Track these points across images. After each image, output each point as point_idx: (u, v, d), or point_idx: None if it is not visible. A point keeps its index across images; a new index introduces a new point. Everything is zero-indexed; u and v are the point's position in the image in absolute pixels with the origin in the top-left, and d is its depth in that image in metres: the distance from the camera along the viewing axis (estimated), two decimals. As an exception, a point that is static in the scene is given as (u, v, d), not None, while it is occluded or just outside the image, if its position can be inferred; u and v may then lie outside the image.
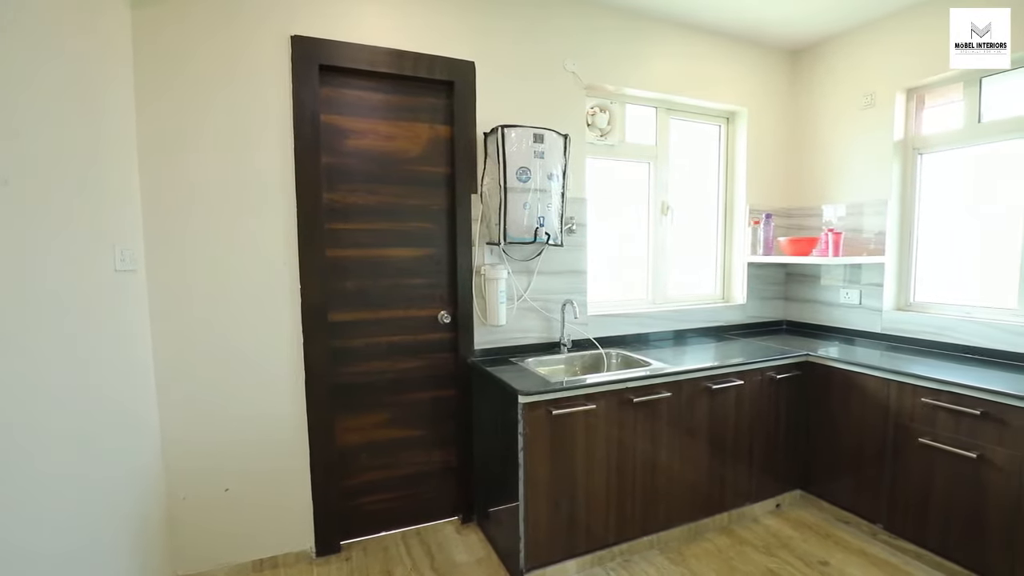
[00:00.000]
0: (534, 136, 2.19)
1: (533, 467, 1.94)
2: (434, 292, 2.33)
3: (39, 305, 1.32)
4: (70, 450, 1.42)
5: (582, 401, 2.00)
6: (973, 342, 2.39)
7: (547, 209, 2.23)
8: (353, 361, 2.23)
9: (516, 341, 2.47)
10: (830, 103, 2.97)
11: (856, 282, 2.86)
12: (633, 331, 2.77)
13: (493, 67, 2.33)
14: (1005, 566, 1.90)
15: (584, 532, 2.09)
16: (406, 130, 2.25)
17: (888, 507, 2.27)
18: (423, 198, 2.29)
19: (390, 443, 2.33)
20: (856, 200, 2.85)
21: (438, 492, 2.43)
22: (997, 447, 1.91)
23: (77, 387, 1.47)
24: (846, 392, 2.41)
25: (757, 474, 2.50)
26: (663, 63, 2.74)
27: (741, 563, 2.19)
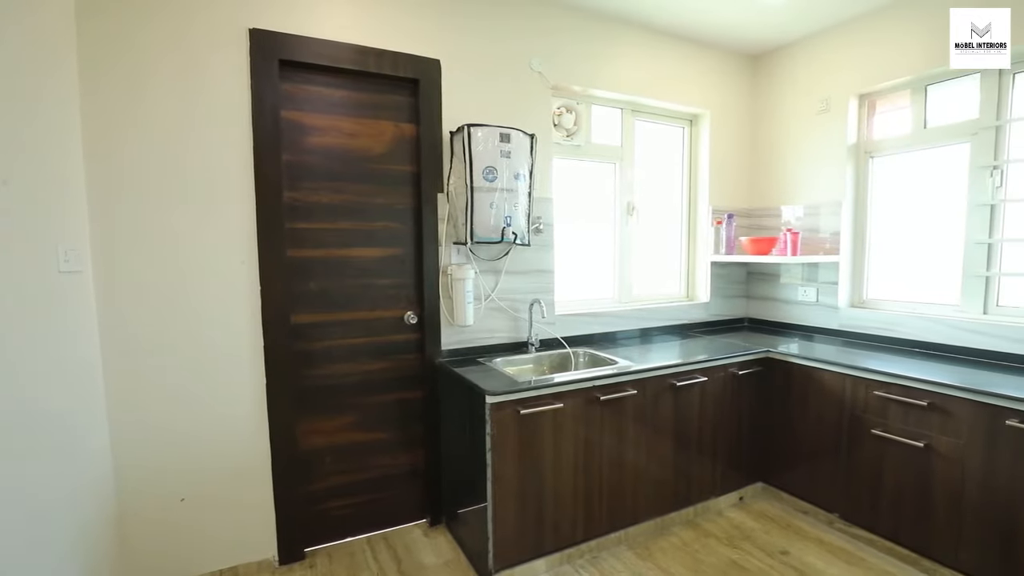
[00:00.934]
0: (500, 135, 2.19)
1: (501, 467, 1.94)
2: (400, 292, 2.30)
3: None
4: (3, 468, 1.34)
5: (550, 400, 2.01)
6: (921, 337, 2.51)
7: (514, 209, 2.23)
8: (317, 364, 2.18)
9: (484, 341, 2.46)
10: (788, 107, 3.07)
11: (813, 280, 2.96)
12: (600, 330, 2.80)
13: (459, 65, 2.32)
14: (949, 548, 2.00)
15: (552, 530, 2.10)
16: (370, 128, 2.21)
17: (843, 496, 2.36)
18: (388, 197, 2.26)
19: (356, 446, 2.28)
20: (813, 201, 2.95)
21: (405, 495, 2.40)
22: (942, 436, 2.00)
23: (12, 399, 1.38)
24: (805, 387, 2.49)
25: (721, 468, 2.56)
26: (629, 65, 2.78)
27: (706, 555, 2.24)
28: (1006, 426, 1.82)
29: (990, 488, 1.88)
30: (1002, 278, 2.35)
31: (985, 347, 2.29)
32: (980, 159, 2.36)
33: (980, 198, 2.37)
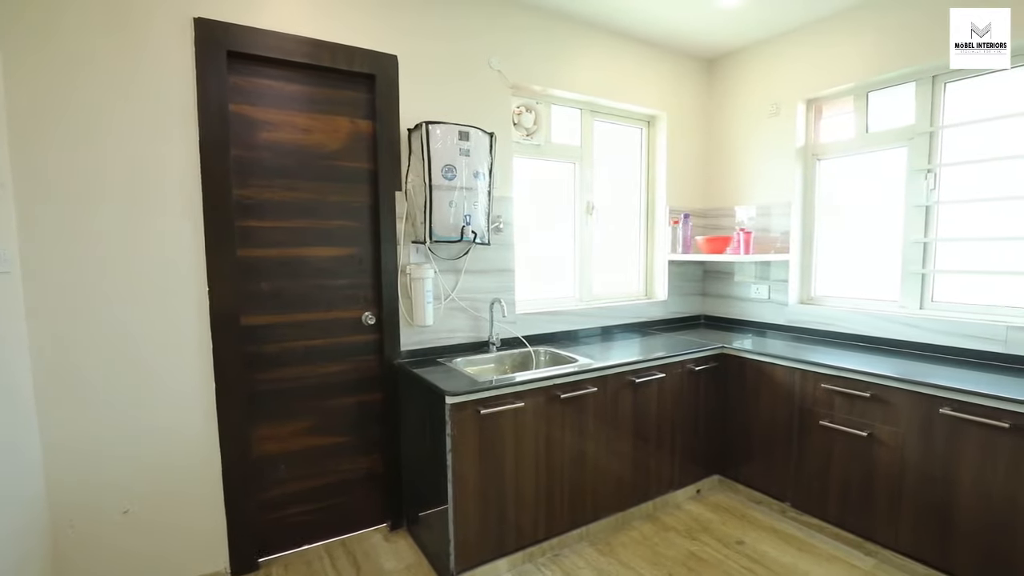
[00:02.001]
0: (459, 134, 2.17)
1: (462, 468, 1.92)
2: (357, 293, 2.25)
3: None
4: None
5: (511, 399, 2.00)
6: (864, 331, 2.63)
7: (474, 207, 2.22)
8: (270, 367, 2.11)
9: (444, 341, 2.43)
10: (741, 110, 3.17)
11: (765, 278, 3.07)
12: (562, 328, 2.81)
13: (417, 62, 2.29)
14: (891, 530, 2.11)
15: (514, 529, 2.10)
16: (325, 123, 2.15)
17: (794, 486, 2.45)
18: (344, 195, 2.20)
19: (312, 452, 2.22)
20: (765, 202, 3.05)
21: (365, 500, 2.35)
22: (883, 425, 2.10)
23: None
24: (757, 381, 2.58)
25: (679, 462, 2.61)
26: (588, 66, 2.80)
27: (665, 548, 2.28)
28: (939, 414, 1.93)
29: (926, 473, 1.99)
30: (936, 275, 2.49)
31: (922, 340, 2.42)
32: (916, 163, 2.50)
33: (916, 200, 2.51)
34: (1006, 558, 1.81)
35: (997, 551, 1.83)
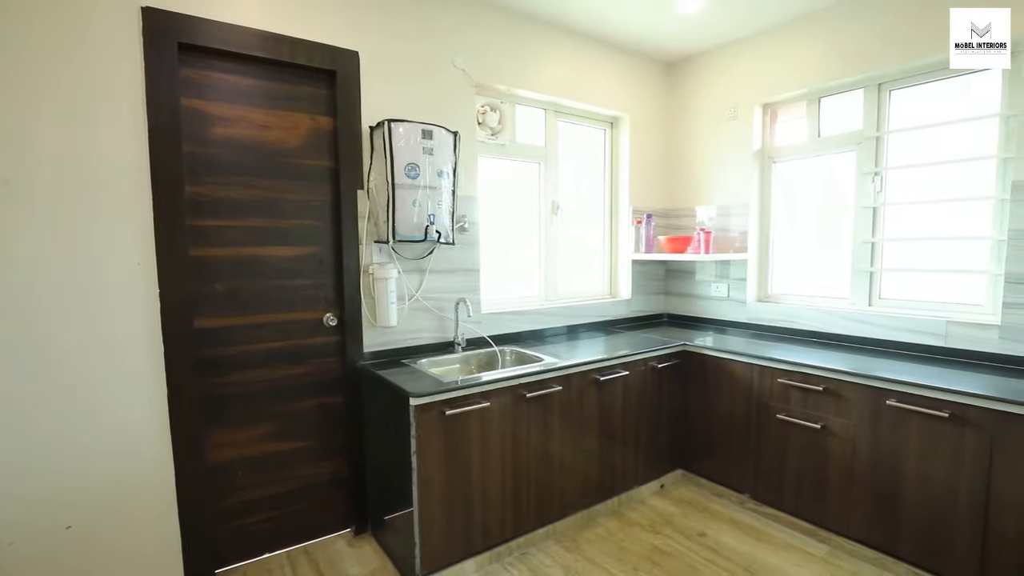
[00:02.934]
0: (423, 132, 2.14)
1: (427, 470, 1.90)
2: (318, 293, 2.20)
3: None
4: None
5: (476, 400, 2.00)
6: (818, 327, 2.74)
7: (438, 207, 2.20)
8: (226, 371, 2.04)
9: (408, 342, 2.40)
10: (701, 113, 3.24)
11: (725, 277, 3.15)
12: (528, 328, 2.82)
13: (379, 58, 2.25)
14: (842, 517, 2.20)
15: (481, 530, 2.09)
16: (284, 120, 2.09)
17: (753, 478, 2.53)
18: (304, 193, 2.15)
19: (272, 457, 2.16)
20: (724, 202, 3.13)
21: (328, 505, 2.30)
22: (835, 417, 2.19)
23: None
24: (718, 377, 2.64)
25: (643, 458, 2.66)
26: (552, 66, 2.82)
27: (630, 543, 2.31)
28: (887, 406, 2.02)
29: (874, 462, 2.08)
30: (883, 273, 2.61)
31: (871, 335, 2.54)
32: (864, 166, 2.61)
33: (865, 201, 2.62)
34: (946, 539, 1.91)
35: (938, 533, 1.93)
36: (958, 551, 1.88)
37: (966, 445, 1.84)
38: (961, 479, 1.86)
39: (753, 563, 2.16)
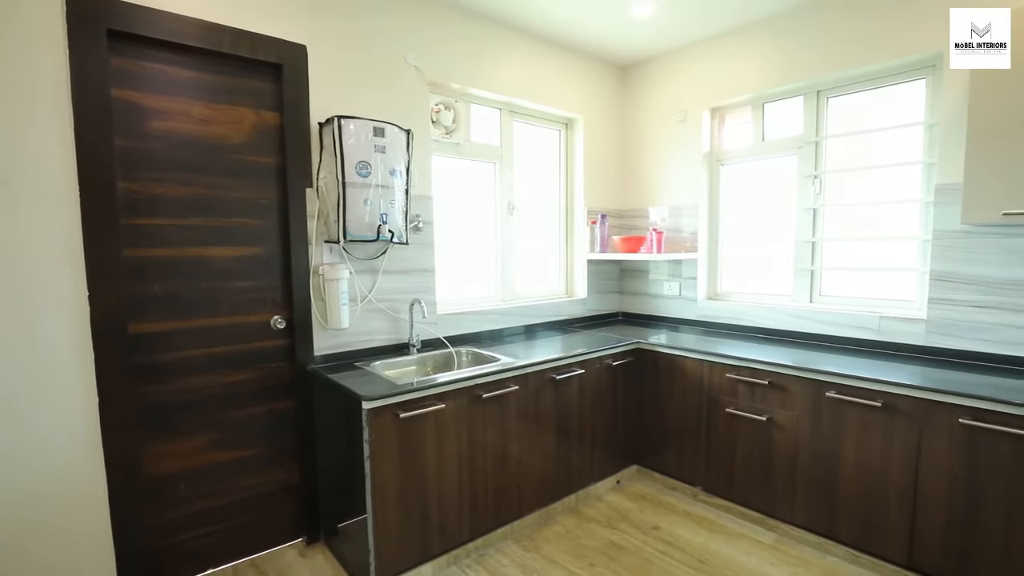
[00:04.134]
0: (374, 129, 2.10)
1: (381, 475, 1.86)
2: (265, 295, 2.12)
3: None
4: None
5: (431, 401, 1.97)
6: (763, 324, 2.85)
7: (390, 206, 2.15)
8: (165, 378, 1.93)
9: (362, 344, 2.35)
10: (653, 116, 3.32)
11: (677, 276, 3.23)
12: (485, 328, 2.81)
13: (329, 53, 2.19)
14: (788, 506, 2.29)
15: (438, 533, 2.06)
16: (226, 114, 2.00)
17: (705, 471, 2.60)
18: (249, 191, 2.06)
19: (216, 467, 2.06)
20: (676, 203, 3.22)
21: (278, 515, 2.21)
22: (780, 410, 2.28)
23: None
24: (670, 373, 2.71)
25: (599, 455, 2.69)
26: (508, 66, 2.82)
27: (587, 540, 2.34)
28: (826, 397, 2.12)
29: (816, 451, 2.18)
30: (823, 272, 2.74)
31: (812, 331, 2.66)
32: (805, 169, 2.73)
33: (805, 203, 2.75)
34: (880, 521, 2.02)
35: (873, 516, 2.04)
36: (891, 531, 2.00)
37: (897, 432, 1.96)
38: (893, 464, 1.97)
39: (705, 553, 2.22)
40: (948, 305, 2.23)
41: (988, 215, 1.92)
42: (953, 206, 2.12)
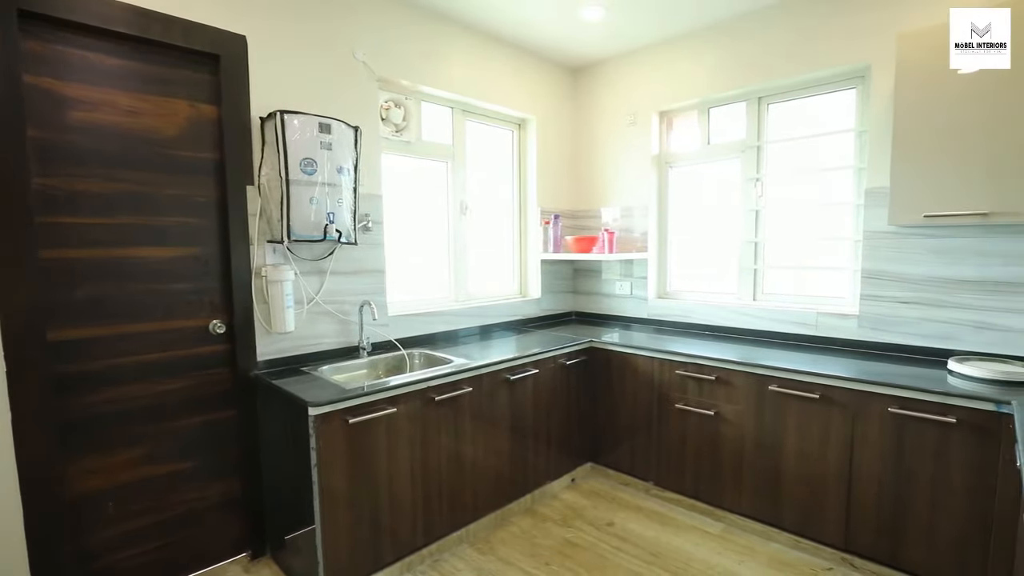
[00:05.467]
0: (320, 125, 2.02)
1: (330, 483, 1.79)
2: (203, 298, 2.00)
3: None
4: None
5: (382, 406, 1.91)
6: (710, 321, 2.94)
7: (338, 205, 2.08)
8: (91, 389, 1.79)
9: (309, 348, 2.26)
10: (604, 118, 3.37)
11: (629, 275, 3.29)
12: (439, 329, 2.77)
13: (271, 45, 2.09)
14: (735, 496, 2.37)
15: (391, 540, 2.01)
16: (158, 106, 1.88)
17: (656, 465, 2.66)
18: (184, 188, 1.95)
19: (150, 483, 1.93)
20: (627, 204, 3.28)
21: (219, 530, 2.10)
22: (726, 404, 2.36)
23: None
24: (622, 371, 2.75)
25: (554, 454, 2.70)
26: (460, 65, 2.79)
27: (543, 539, 2.34)
28: (769, 391, 2.21)
29: (760, 442, 2.27)
30: (765, 270, 2.86)
31: (756, 327, 2.76)
32: (747, 172, 2.84)
33: (748, 204, 2.85)
34: (819, 506, 2.12)
35: (813, 502, 2.14)
36: (829, 516, 2.10)
37: (833, 422, 2.06)
38: (830, 453, 2.08)
39: (658, 546, 2.27)
40: (878, 301, 2.37)
41: (912, 217, 2.05)
42: (881, 208, 2.26)
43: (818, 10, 2.45)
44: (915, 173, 2.02)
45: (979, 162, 1.89)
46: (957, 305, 2.17)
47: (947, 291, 2.19)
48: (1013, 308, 2.06)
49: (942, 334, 2.21)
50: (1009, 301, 2.06)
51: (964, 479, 1.79)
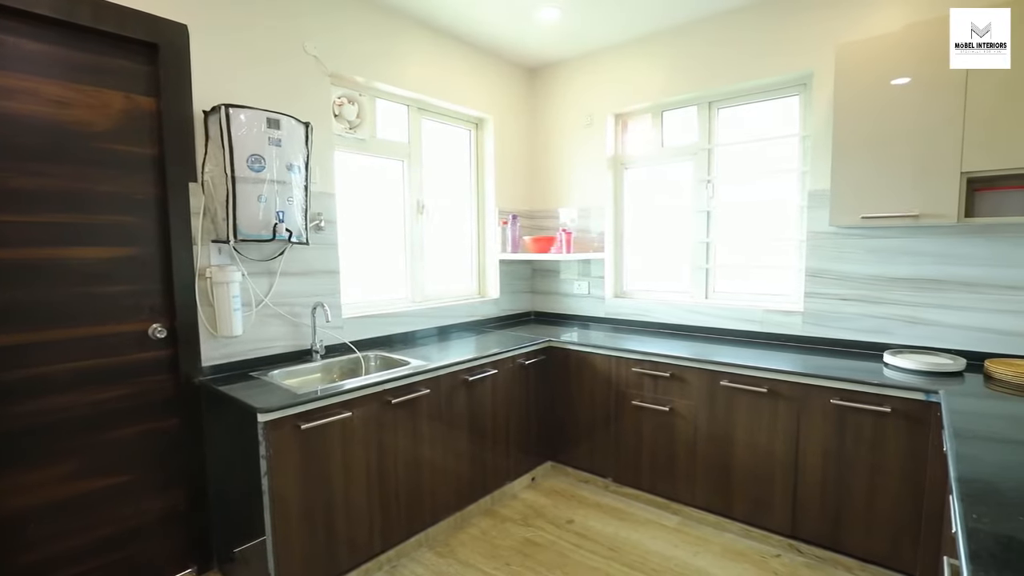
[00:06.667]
0: (268, 121, 1.94)
1: (281, 491, 1.73)
2: (141, 302, 1.89)
3: None
4: None
5: (336, 410, 1.86)
6: (665, 319, 3.01)
7: (288, 203, 2.01)
8: (15, 400, 1.66)
9: (258, 352, 2.17)
10: (561, 119, 3.39)
11: (587, 275, 3.33)
12: (396, 331, 2.72)
13: (215, 36, 2.00)
14: (689, 489, 2.44)
15: (348, 547, 1.96)
16: (89, 96, 1.76)
17: (615, 462, 2.70)
18: (120, 184, 1.83)
19: (83, 499, 1.80)
20: (584, 205, 3.31)
21: (161, 545, 1.99)
22: (680, 400, 2.42)
23: None
24: (580, 370, 2.78)
25: (514, 453, 2.70)
26: (416, 63, 2.75)
27: (503, 539, 2.33)
28: (720, 386, 2.28)
29: (712, 436, 2.34)
30: (716, 269, 2.95)
31: (708, 324, 2.85)
32: (699, 174, 2.93)
33: (700, 206, 2.94)
34: (768, 496, 2.21)
35: (762, 491, 2.22)
36: (777, 505, 2.19)
37: (780, 414, 2.14)
38: (777, 444, 2.16)
39: (616, 542, 2.30)
40: (820, 299, 2.48)
41: (850, 218, 2.16)
42: (823, 210, 2.37)
43: (764, 19, 2.55)
44: (853, 177, 2.13)
45: (909, 167, 2.01)
46: (892, 301, 2.31)
47: (883, 288, 2.32)
48: (941, 304, 2.20)
49: (878, 329, 2.34)
50: (938, 297, 2.21)
51: (898, 465, 1.90)
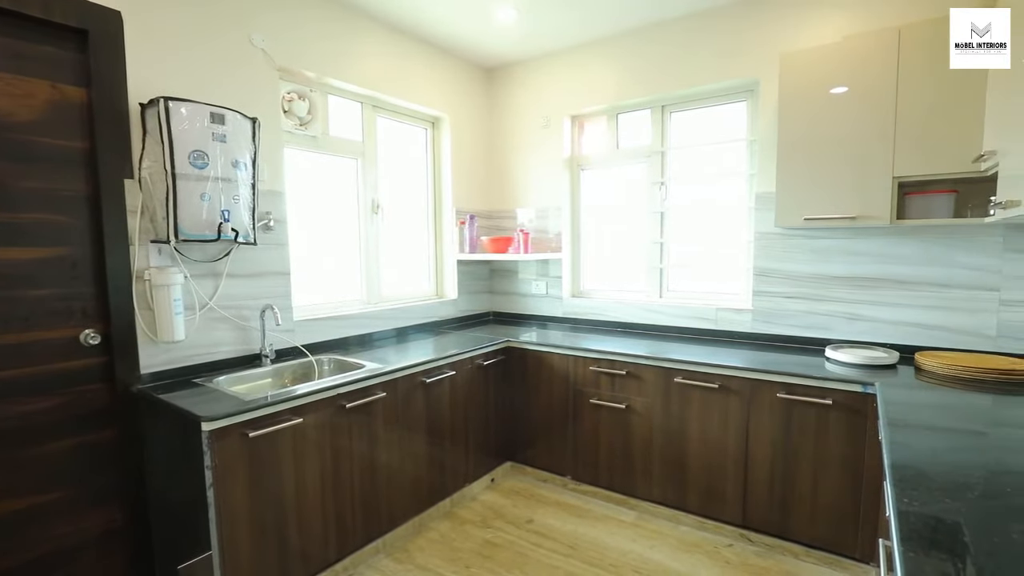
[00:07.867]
0: (212, 116, 1.85)
1: (228, 503, 1.65)
2: (71, 306, 1.76)
3: None
4: None
5: (287, 416, 1.80)
6: (622, 318, 3.06)
7: (234, 202, 1.92)
8: (-77, 414, 1.52)
9: (203, 358, 2.07)
10: (518, 119, 3.40)
11: (545, 275, 3.35)
12: (352, 333, 2.65)
13: (151, 23, 1.89)
14: (646, 484, 2.49)
15: (300, 559, 1.89)
16: (10, 85, 1.63)
17: (573, 460, 2.72)
18: (46, 180, 1.71)
19: (11, 518, 1.66)
20: (542, 205, 3.33)
21: (97, 566, 1.86)
22: (637, 397, 2.46)
23: None
24: (538, 369, 2.79)
25: (473, 455, 2.68)
26: (370, 59, 2.69)
27: (462, 542, 2.31)
28: (675, 383, 2.34)
29: (667, 432, 2.39)
30: (670, 269, 3.02)
31: (663, 323, 2.91)
32: (653, 176, 2.99)
33: (653, 207, 3.00)
34: (720, 488, 2.28)
35: (714, 484, 2.29)
36: (728, 496, 2.26)
37: (731, 409, 2.22)
38: (728, 437, 2.23)
39: (575, 539, 2.32)
40: (768, 297, 2.58)
41: (794, 220, 2.25)
42: (769, 211, 2.46)
43: (715, 26, 2.63)
44: (796, 180, 2.23)
45: (847, 171, 2.12)
46: (833, 299, 2.43)
47: (825, 287, 2.44)
48: (878, 301, 2.33)
49: (821, 325, 2.46)
50: (874, 295, 2.33)
51: (839, 453, 2.00)
